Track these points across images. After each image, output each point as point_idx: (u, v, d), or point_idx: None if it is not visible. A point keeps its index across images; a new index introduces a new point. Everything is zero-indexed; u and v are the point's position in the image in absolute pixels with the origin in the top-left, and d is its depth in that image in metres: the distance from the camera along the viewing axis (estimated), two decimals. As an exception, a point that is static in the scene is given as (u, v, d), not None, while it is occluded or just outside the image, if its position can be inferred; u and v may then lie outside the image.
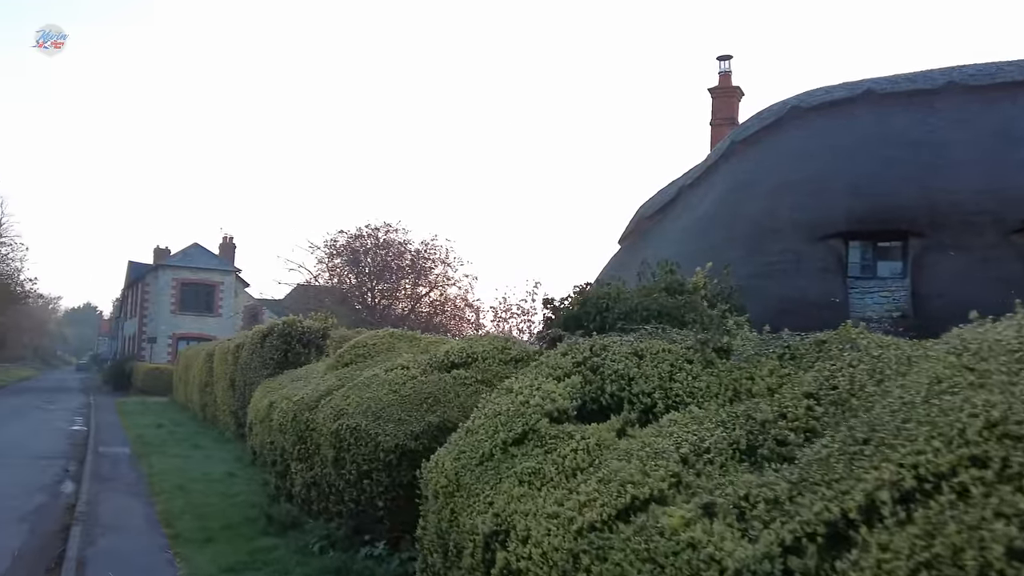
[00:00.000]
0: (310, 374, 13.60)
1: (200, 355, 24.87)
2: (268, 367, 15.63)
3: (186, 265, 51.22)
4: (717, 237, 14.40)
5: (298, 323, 16.18)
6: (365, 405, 7.82)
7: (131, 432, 19.99)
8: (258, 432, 12.75)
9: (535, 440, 4.72)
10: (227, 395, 18.43)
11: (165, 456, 14.80)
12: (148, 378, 39.87)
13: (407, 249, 41.35)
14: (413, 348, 10.89)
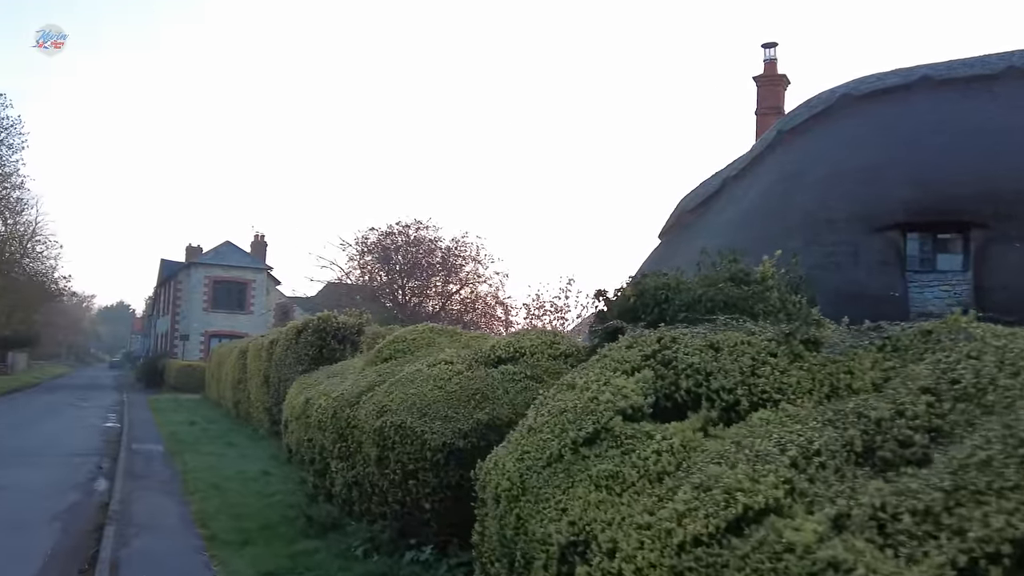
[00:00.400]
0: (346, 370, 13.26)
1: (233, 352, 24.72)
2: (303, 363, 15.33)
3: (218, 263, 51.41)
4: (766, 229, 13.81)
5: (333, 319, 15.85)
6: (409, 402, 7.41)
7: (164, 429, 19.85)
8: (294, 429, 12.42)
9: (609, 440, 4.26)
10: (261, 392, 18.18)
11: (199, 454, 14.55)
12: (181, 375, 39.99)
13: (438, 246, 41.06)
14: (454, 343, 10.47)
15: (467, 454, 6.73)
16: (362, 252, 41.86)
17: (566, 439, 4.37)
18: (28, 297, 46.24)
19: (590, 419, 4.41)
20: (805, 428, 3.67)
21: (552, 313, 29.95)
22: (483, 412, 6.99)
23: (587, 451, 4.25)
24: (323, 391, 11.06)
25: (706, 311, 6.78)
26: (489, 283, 41.56)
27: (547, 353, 8.07)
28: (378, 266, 41.50)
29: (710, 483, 3.29)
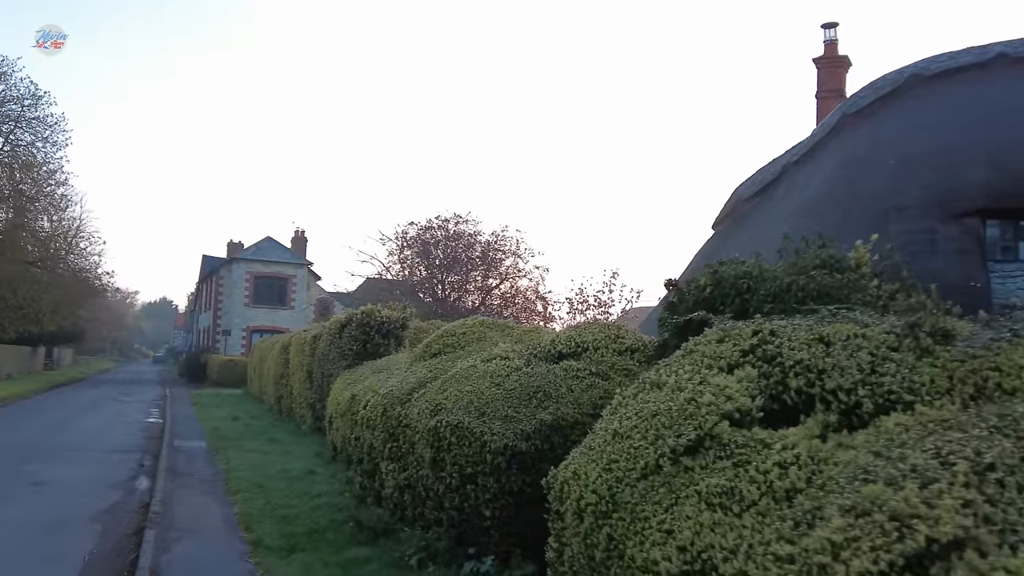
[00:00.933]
0: (392, 365, 12.83)
1: (275, 347, 24.50)
2: (347, 358, 14.94)
3: (259, 258, 51.58)
4: (832, 217, 13.00)
5: (376, 313, 15.42)
6: (466, 400, 6.87)
7: (206, 425, 19.64)
8: (339, 427, 12.00)
9: (716, 449, 3.66)
10: (304, 387, 17.85)
11: (241, 451, 14.22)
12: (223, 370, 40.12)
13: (477, 240, 40.55)
14: (506, 337, 9.93)
15: (530, 458, 6.19)
16: (401, 247, 41.54)
17: (663, 447, 3.78)
18: (72, 293, 46.70)
19: (690, 424, 3.82)
20: (968, 437, 3.03)
21: (596, 307, 29.25)
22: (546, 412, 6.43)
23: (690, 461, 3.66)
24: (370, 387, 10.61)
25: (796, 301, 6.14)
26: (529, 277, 40.97)
27: (612, 348, 7.48)
28: (417, 261, 41.17)
29: (867, 506, 2.68)
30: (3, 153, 38.70)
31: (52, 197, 41.08)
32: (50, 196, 40.86)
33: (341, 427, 11.85)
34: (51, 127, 39.70)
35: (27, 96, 38.68)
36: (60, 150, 40.50)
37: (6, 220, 39.27)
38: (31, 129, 39.16)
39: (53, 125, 39.77)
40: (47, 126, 39.53)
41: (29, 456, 13.58)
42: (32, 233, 40.57)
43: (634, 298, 29.28)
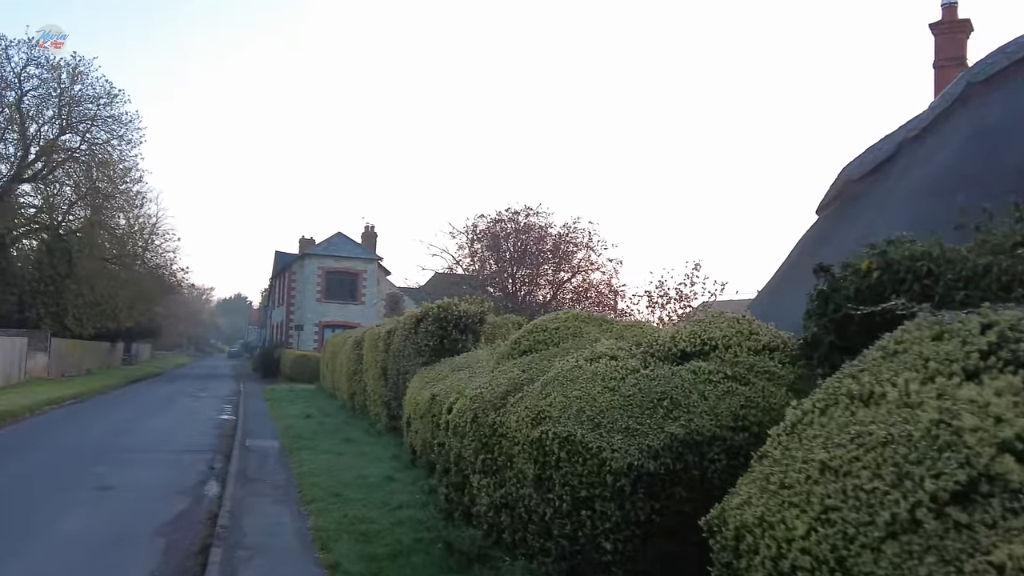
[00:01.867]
0: (472, 363, 11.87)
1: (347, 342, 23.91)
2: (423, 354, 14.06)
3: (330, 254, 51.64)
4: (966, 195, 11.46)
5: (454, 307, 14.48)
6: (575, 407, 5.80)
7: (279, 423, 19.09)
8: (418, 429, 11.10)
9: (1002, 496, 2.49)
10: (378, 384, 17.08)
11: (315, 452, 13.48)
12: (296, 365, 40.08)
13: (548, 233, 39.42)
14: (605, 333, 8.83)
15: (659, 480, 5.10)
16: (471, 240, 40.76)
17: (917, 493, 2.62)
18: (148, 289, 47.52)
19: (952, 459, 2.65)
20: None
21: (677, 301, 27.78)
22: (676, 424, 5.31)
23: (963, 515, 2.50)
24: (453, 388, 9.65)
25: (999, 287, 4.88)
26: (602, 271, 39.59)
27: (745, 346, 6.30)
28: (487, 254, 40.32)
29: None
30: (81, 152, 39.45)
31: (128, 194, 41.75)
32: (126, 193, 41.51)
33: (421, 430, 10.95)
34: (126, 125, 40.30)
35: (103, 95, 39.36)
36: (135, 147, 41.06)
37: (84, 218, 40.01)
38: (107, 127, 39.82)
39: (128, 123, 40.38)
40: (122, 124, 40.14)
41: (98, 457, 13.11)
42: (109, 231, 41.25)
43: (718, 291, 27.74)
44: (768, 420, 5.32)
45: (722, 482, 5.13)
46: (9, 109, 37.63)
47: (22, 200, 38.92)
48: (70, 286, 36.96)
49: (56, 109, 38.61)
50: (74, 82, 38.58)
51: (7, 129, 38.01)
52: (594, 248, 38.95)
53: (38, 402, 22.26)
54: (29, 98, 38.05)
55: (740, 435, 5.29)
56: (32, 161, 38.72)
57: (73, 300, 37.13)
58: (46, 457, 13.03)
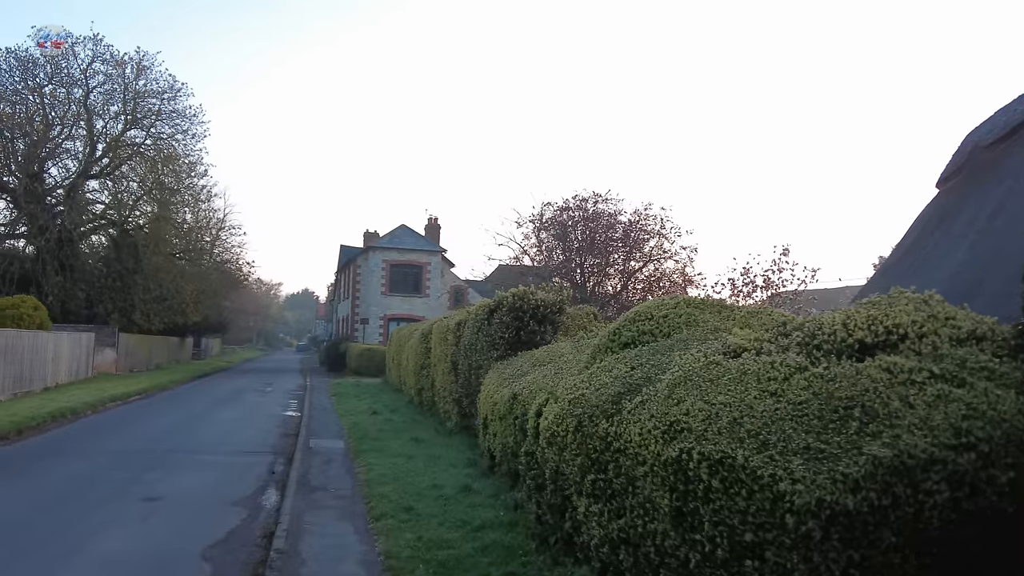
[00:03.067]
0: (555, 357, 10.56)
1: (414, 335, 22.85)
2: (497, 348, 12.79)
3: (394, 246, 50.98)
4: None
5: (530, 295, 13.16)
6: (725, 418, 4.38)
7: (345, 420, 18.11)
8: (497, 432, 9.81)
9: None
10: (447, 380, 15.88)
11: (382, 455, 12.34)
12: (361, 359, 39.46)
13: (618, 220, 37.70)
14: (727, 320, 7.36)
15: (861, 522, 3.65)
16: (538, 229, 39.38)
17: None
18: (215, 284, 47.59)
19: None
20: None
21: (764, 288, 25.91)
22: (877, 443, 3.84)
23: None
24: (540, 386, 8.33)
25: None
26: (675, 259, 37.69)
27: (945, 335, 4.78)
28: (555, 243, 38.87)
29: None
30: (146, 147, 39.43)
31: (193, 189, 41.65)
32: (191, 188, 41.42)
33: (500, 433, 9.66)
34: (190, 119, 40.14)
35: (166, 89, 39.24)
36: (199, 142, 40.94)
37: (150, 213, 40.02)
38: (171, 121, 39.70)
39: (192, 117, 40.19)
40: (186, 118, 39.99)
41: (153, 460, 12.21)
42: (175, 226, 41.21)
43: (809, 277, 25.78)
44: (999, 435, 3.85)
45: (942, 522, 3.70)
46: (76, 106, 37.83)
47: (89, 196, 39.07)
48: (138, 281, 36.95)
49: (121, 104, 38.67)
50: (138, 77, 38.60)
51: (75, 126, 38.21)
52: (667, 235, 37.09)
53: (102, 399, 21.80)
54: (95, 94, 38.21)
55: (964, 456, 3.81)
56: (99, 157, 38.87)
57: (140, 295, 37.12)
58: (98, 460, 12.19)
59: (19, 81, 36.56)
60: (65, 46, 36.97)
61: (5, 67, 36.38)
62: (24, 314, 23.75)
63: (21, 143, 36.66)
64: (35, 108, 36.98)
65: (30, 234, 35.92)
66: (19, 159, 36.41)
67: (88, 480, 10.62)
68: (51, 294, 33.44)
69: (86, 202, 38.20)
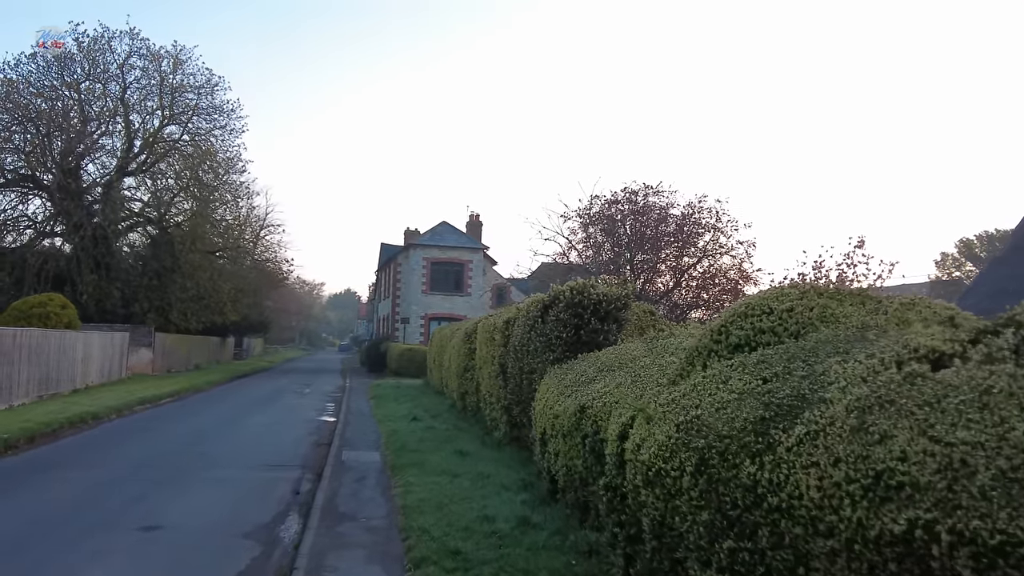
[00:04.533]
0: (626, 360, 8.85)
1: (456, 335, 21.26)
2: (553, 349, 11.09)
3: (435, 244, 49.55)
4: None
5: (590, 288, 11.44)
6: (980, 468, 2.63)
7: (383, 426, 16.61)
8: (561, 451, 8.13)
9: None
10: (495, 385, 14.22)
11: (423, 471, 10.76)
12: (402, 359, 38.15)
13: (669, 214, 35.63)
14: (875, 315, 5.56)
15: None
16: (585, 224, 37.55)
17: None
18: (253, 282, 46.68)
19: None
20: None
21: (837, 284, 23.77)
22: None
23: None
24: (618, 399, 6.65)
25: None
26: (732, 254, 35.47)
27: None
28: (602, 239, 36.97)
29: None
30: (183, 143, 38.55)
31: (231, 185, 40.71)
32: (229, 185, 40.49)
33: (564, 452, 7.97)
34: (227, 114, 39.21)
35: (203, 84, 38.34)
36: (237, 137, 39.94)
37: (188, 210, 39.16)
38: (208, 116, 38.83)
39: (229, 112, 39.26)
40: (223, 113, 39.07)
41: (165, 475, 10.79)
42: (213, 223, 40.29)
43: (886, 272, 23.60)
44: None
45: None
46: (113, 101, 37.10)
47: (126, 193, 38.30)
48: (175, 280, 36.04)
49: (158, 100, 37.87)
50: (175, 71, 37.75)
51: (111, 122, 37.48)
52: (723, 229, 34.89)
53: (129, 402, 20.62)
54: (132, 89, 37.45)
55: None
56: (136, 154, 38.08)
57: (177, 294, 36.20)
58: (104, 475, 10.80)
59: (55, 77, 35.94)
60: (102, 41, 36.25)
61: (42, 63, 35.81)
62: (51, 313, 22.74)
63: (58, 140, 36.03)
64: (71, 104, 36.33)
65: (65, 232, 35.26)
66: (55, 156, 35.76)
67: (84, 501, 9.19)
68: (86, 293, 32.65)
69: (122, 199, 37.42)
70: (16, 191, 36.13)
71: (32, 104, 34.91)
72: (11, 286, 30.64)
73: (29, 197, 36.48)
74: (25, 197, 36.42)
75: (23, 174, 35.64)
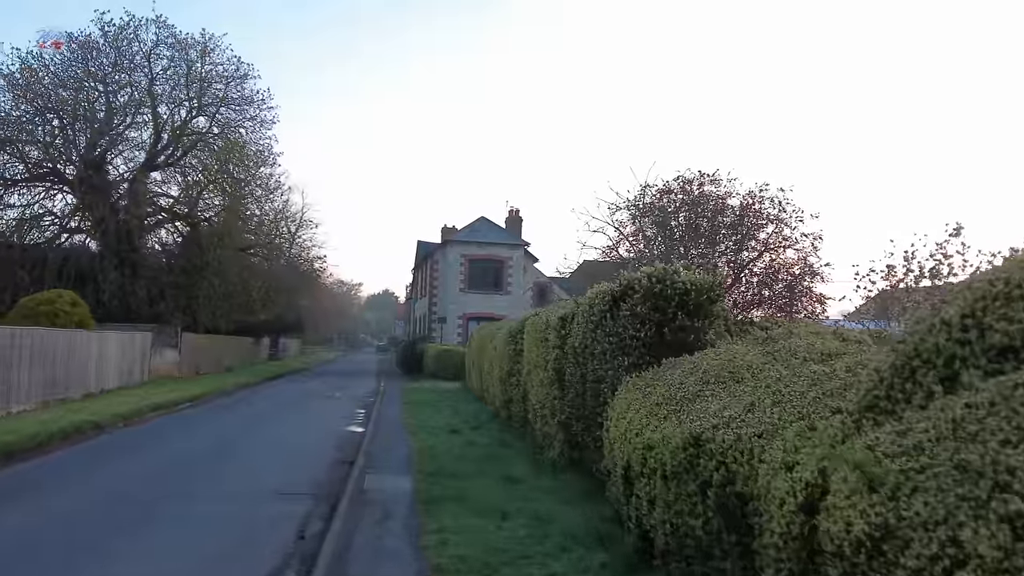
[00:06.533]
0: (739, 369, 6.59)
1: (498, 336, 18.94)
2: (629, 353, 8.69)
3: (473, 240, 47.29)
4: None
5: (674, 275, 9.02)
6: None
7: (416, 441, 14.40)
8: (660, 498, 5.75)
9: None
10: (548, 394, 11.82)
11: (464, 508, 8.47)
12: (439, 361, 36.05)
13: (727, 204, 32.80)
14: None
15: None
16: (635, 216, 34.93)
17: None
18: (287, 281, 44.90)
19: None
20: None
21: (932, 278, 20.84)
22: None
23: None
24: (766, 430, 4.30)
25: None
26: (796, 248, 32.49)
27: None
28: (654, 232, 34.31)
29: None
30: (212, 135, 36.84)
31: (261, 179, 38.90)
32: (259, 178, 38.67)
33: (667, 501, 5.58)
34: (258, 104, 37.39)
35: (232, 74, 36.59)
36: (268, 128, 38.08)
37: (218, 206, 37.48)
38: (237, 107, 37.07)
39: (260, 102, 37.43)
40: (253, 103, 37.25)
41: (142, 510, 8.64)
42: (244, 219, 38.55)
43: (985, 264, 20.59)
44: None
45: None
46: (139, 92, 35.52)
47: (152, 188, 36.67)
48: (205, 276, 34.28)
49: (185, 90, 36.20)
50: (204, 61, 36.05)
51: (137, 113, 35.91)
52: (786, 220, 31.99)
53: (140, 408, 18.66)
54: (159, 80, 35.84)
55: None
56: (164, 147, 36.47)
57: (206, 292, 34.44)
58: (61, 507, 8.73)
59: (80, 67, 34.41)
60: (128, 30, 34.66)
61: (68, 53, 34.32)
62: (59, 311, 20.90)
63: (83, 133, 34.56)
64: (96, 95, 34.81)
65: (89, 228, 33.75)
66: (79, 148, 34.28)
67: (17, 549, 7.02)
68: (108, 291, 31.04)
69: (149, 194, 35.81)
70: (39, 186, 34.75)
71: (55, 95, 33.45)
72: (30, 284, 28.95)
73: (53, 192, 35.09)
74: (49, 192, 35.04)
75: (46, 168, 34.23)
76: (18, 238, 32.79)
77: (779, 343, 7.30)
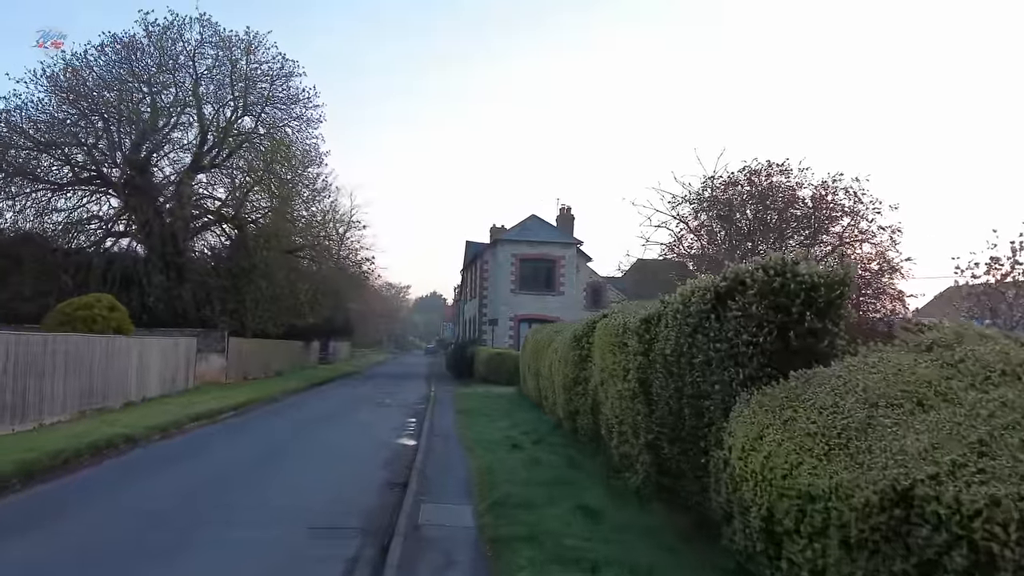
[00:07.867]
0: (914, 388, 4.85)
1: (558, 339, 17.32)
2: (743, 363, 6.97)
3: (524, 239, 45.61)
4: None
5: (794, 267, 7.28)
6: None
7: (474, 458, 12.93)
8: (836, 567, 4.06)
9: None
10: (630, 409, 10.13)
11: (538, 552, 6.95)
12: (490, 364, 34.57)
13: (797, 197, 30.60)
14: None
15: None
16: (697, 211, 32.97)
17: None
18: (336, 283, 43.90)
19: None
20: None
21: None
22: None
23: None
24: None
25: None
26: (873, 242, 30.13)
27: None
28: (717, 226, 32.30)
29: None
30: (258, 135, 35.90)
31: (308, 178, 37.83)
32: (305, 178, 37.61)
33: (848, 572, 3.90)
34: (303, 103, 36.34)
35: (277, 72, 35.58)
36: (314, 127, 37.02)
37: (264, 208, 36.56)
38: (283, 106, 36.09)
39: (305, 100, 36.37)
40: (298, 102, 36.21)
41: (158, 544, 7.23)
42: (292, 221, 37.57)
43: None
44: None
45: None
46: (184, 92, 34.76)
47: (198, 190, 35.87)
48: (253, 279, 33.33)
49: (230, 89, 35.32)
50: (248, 59, 35.15)
51: (182, 114, 35.17)
52: (862, 213, 29.68)
53: (179, 419, 17.48)
54: (204, 79, 35.03)
55: None
56: (210, 148, 35.67)
57: (253, 295, 33.48)
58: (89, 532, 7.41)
59: (124, 68, 33.77)
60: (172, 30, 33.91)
61: (112, 54, 33.70)
62: (97, 316, 19.88)
63: (127, 135, 33.93)
64: (141, 96, 34.14)
65: (134, 231, 33.09)
66: (124, 150, 33.66)
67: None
68: (154, 295, 30.26)
69: (195, 196, 35.03)
70: (84, 190, 34.18)
71: (99, 96, 32.85)
72: (74, 289, 28.14)
73: (98, 196, 34.48)
74: (94, 195, 34.44)
75: (91, 171, 33.65)
76: (64, 242, 32.21)
77: (954, 351, 5.55)
